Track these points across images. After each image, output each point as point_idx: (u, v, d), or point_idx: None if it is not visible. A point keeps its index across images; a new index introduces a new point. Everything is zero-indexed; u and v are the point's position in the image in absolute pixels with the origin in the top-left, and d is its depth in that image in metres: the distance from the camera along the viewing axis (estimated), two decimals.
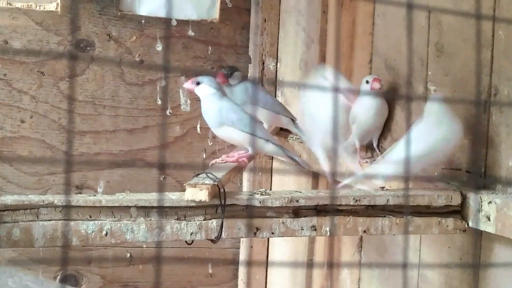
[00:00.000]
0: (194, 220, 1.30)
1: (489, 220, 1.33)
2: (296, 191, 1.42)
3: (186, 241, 1.34)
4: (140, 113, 2.37)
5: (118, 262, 2.37)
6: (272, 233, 1.35)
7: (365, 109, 1.71)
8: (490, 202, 1.32)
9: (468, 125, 1.49)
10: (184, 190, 1.31)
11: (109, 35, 2.31)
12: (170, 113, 2.40)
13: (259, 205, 1.33)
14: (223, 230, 1.31)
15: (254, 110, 1.86)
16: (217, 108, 1.55)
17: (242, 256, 2.48)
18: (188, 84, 1.61)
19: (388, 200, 1.39)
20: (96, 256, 2.34)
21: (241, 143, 1.59)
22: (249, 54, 2.45)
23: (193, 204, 1.29)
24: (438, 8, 1.59)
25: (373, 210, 1.40)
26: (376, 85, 1.66)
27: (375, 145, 1.77)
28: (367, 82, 1.69)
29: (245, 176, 2.46)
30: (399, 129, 1.72)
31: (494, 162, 1.41)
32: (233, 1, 2.42)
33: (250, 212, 1.33)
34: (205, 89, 1.57)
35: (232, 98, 1.71)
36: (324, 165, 1.68)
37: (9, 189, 2.24)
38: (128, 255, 2.38)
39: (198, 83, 1.58)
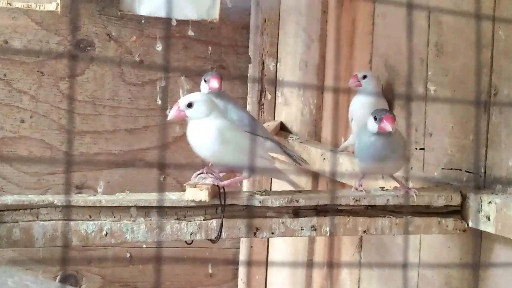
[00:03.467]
0: (194, 220, 1.30)
1: (489, 220, 1.33)
2: (296, 191, 1.42)
3: (186, 241, 1.34)
4: (140, 113, 2.36)
5: (118, 262, 2.36)
6: (272, 233, 1.35)
7: (362, 106, 1.72)
8: (490, 202, 1.32)
9: (468, 125, 1.49)
10: (184, 190, 1.31)
11: (109, 35, 2.31)
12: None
13: (259, 205, 1.33)
14: (223, 230, 1.31)
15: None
16: (215, 131, 1.34)
17: (242, 256, 2.47)
18: (176, 112, 1.34)
19: (388, 200, 1.39)
20: (96, 256, 2.34)
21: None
22: (249, 54, 2.44)
23: (193, 204, 1.29)
24: (438, 8, 1.58)
25: (373, 210, 1.40)
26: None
27: None
28: (363, 77, 1.72)
29: None
30: (399, 128, 1.72)
31: (494, 162, 1.41)
32: (233, 1, 2.42)
33: (250, 212, 1.33)
34: (201, 110, 1.34)
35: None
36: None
37: (9, 189, 2.24)
38: (128, 255, 2.38)
39: (190, 105, 1.33)
